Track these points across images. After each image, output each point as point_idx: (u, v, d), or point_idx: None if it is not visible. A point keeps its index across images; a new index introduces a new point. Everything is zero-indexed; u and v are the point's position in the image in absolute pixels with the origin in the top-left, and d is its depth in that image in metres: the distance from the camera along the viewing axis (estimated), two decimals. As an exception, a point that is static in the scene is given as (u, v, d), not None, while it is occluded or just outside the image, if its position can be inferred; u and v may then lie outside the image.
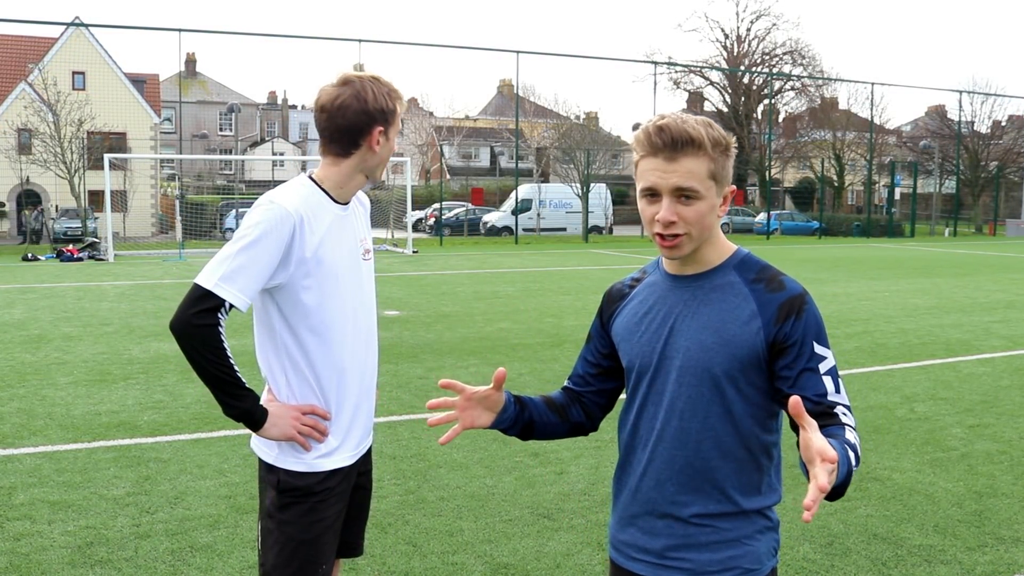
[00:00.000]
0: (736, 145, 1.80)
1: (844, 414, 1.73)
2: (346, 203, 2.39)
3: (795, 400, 1.56)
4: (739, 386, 1.79)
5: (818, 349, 1.75)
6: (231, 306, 2.20)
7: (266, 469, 2.41)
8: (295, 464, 2.34)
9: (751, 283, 1.81)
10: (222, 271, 2.18)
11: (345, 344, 2.36)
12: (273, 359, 2.37)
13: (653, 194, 1.77)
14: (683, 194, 1.74)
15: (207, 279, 2.18)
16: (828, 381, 1.74)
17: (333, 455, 2.37)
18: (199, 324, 2.17)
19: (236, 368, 2.23)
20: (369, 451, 2.59)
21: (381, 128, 2.32)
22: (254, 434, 2.36)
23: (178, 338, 2.20)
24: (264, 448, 2.42)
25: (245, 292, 2.20)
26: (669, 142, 1.72)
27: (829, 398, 1.74)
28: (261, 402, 2.36)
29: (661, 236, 1.78)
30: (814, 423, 1.59)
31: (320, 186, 2.35)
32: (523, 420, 2.00)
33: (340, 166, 2.35)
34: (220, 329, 2.19)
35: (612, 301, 2.02)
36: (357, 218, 2.46)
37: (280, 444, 2.35)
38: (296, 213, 2.24)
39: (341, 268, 2.34)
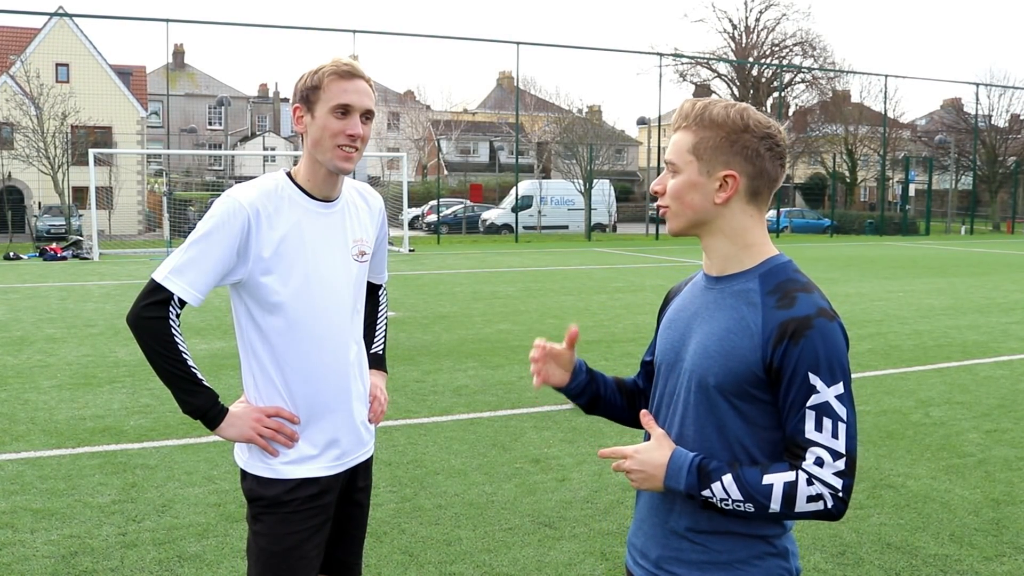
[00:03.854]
0: (748, 129, 1.79)
1: (811, 457, 1.66)
2: (328, 199, 2.35)
3: (642, 412, 1.84)
4: (734, 403, 1.74)
5: (813, 380, 1.66)
6: (182, 301, 2.23)
7: (241, 476, 2.42)
8: (263, 470, 2.34)
9: (766, 294, 1.75)
10: (173, 264, 2.24)
11: (317, 347, 2.33)
12: (243, 359, 2.39)
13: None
14: (668, 166, 1.83)
15: (160, 272, 2.24)
16: (810, 418, 1.67)
17: (305, 463, 2.34)
18: (148, 317, 2.22)
19: (191, 364, 2.25)
20: (368, 466, 2.55)
21: (298, 106, 2.31)
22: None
23: (131, 331, 2.26)
24: (238, 452, 2.42)
25: (195, 286, 2.22)
26: (675, 119, 1.85)
27: (805, 436, 1.67)
28: (234, 404, 2.37)
29: None
30: (658, 432, 1.80)
31: (294, 180, 2.35)
32: (591, 391, 2.04)
33: (303, 157, 2.36)
34: (171, 322, 2.22)
35: (667, 300, 2.04)
36: (350, 216, 2.41)
37: (251, 448, 2.35)
38: (251, 207, 2.24)
39: (313, 267, 2.30)
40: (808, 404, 1.67)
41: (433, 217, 36.64)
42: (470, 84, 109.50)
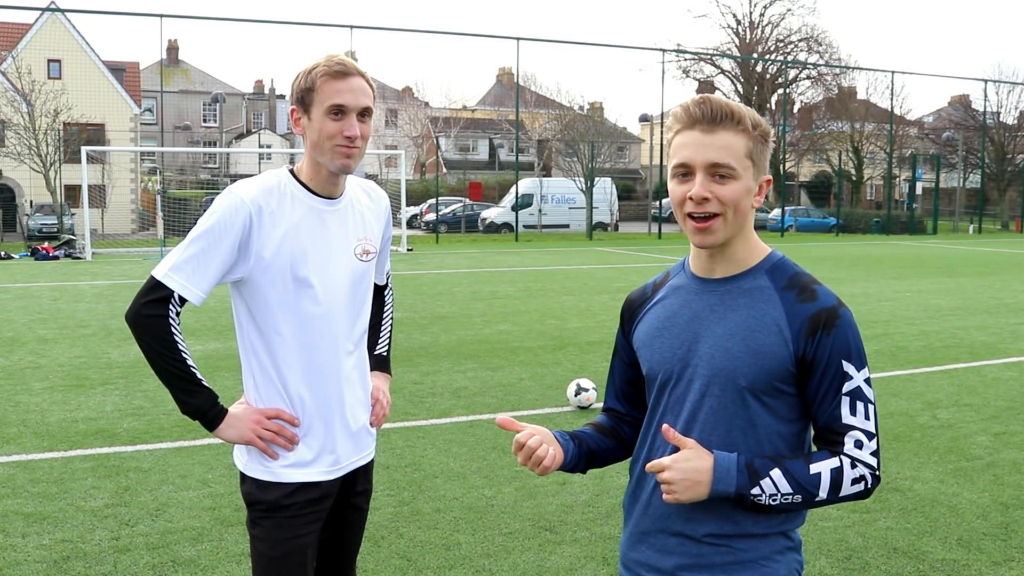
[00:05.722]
0: (768, 133, 1.80)
1: (851, 441, 1.74)
2: (332, 197, 2.34)
3: (664, 427, 1.77)
4: (764, 399, 1.77)
5: (846, 367, 1.74)
6: (183, 299, 2.23)
7: (240, 479, 2.42)
8: (262, 473, 2.33)
9: (782, 290, 1.78)
10: (173, 261, 2.23)
11: (318, 347, 2.32)
12: (243, 359, 2.38)
13: (686, 172, 1.75)
14: (718, 171, 1.72)
15: (159, 269, 2.24)
16: (845, 403, 1.74)
17: (304, 467, 2.34)
18: (147, 315, 2.21)
19: (190, 363, 2.25)
20: (368, 470, 2.55)
21: (295, 108, 2.30)
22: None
23: (130, 329, 2.26)
24: (237, 454, 2.42)
25: (195, 283, 2.22)
26: (708, 113, 1.73)
27: (843, 422, 1.75)
28: (234, 405, 2.37)
29: (693, 217, 1.75)
30: (690, 442, 1.75)
31: (297, 177, 2.33)
32: (585, 450, 1.99)
33: (304, 157, 2.36)
34: (170, 321, 2.22)
35: (633, 308, 1.99)
36: (355, 214, 2.40)
37: (250, 451, 2.35)
38: (253, 203, 2.23)
39: (315, 265, 2.29)
40: (844, 391, 1.74)
41: (432, 216, 36.66)
42: (469, 80, 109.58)
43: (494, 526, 4.65)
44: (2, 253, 23.27)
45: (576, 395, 7.03)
